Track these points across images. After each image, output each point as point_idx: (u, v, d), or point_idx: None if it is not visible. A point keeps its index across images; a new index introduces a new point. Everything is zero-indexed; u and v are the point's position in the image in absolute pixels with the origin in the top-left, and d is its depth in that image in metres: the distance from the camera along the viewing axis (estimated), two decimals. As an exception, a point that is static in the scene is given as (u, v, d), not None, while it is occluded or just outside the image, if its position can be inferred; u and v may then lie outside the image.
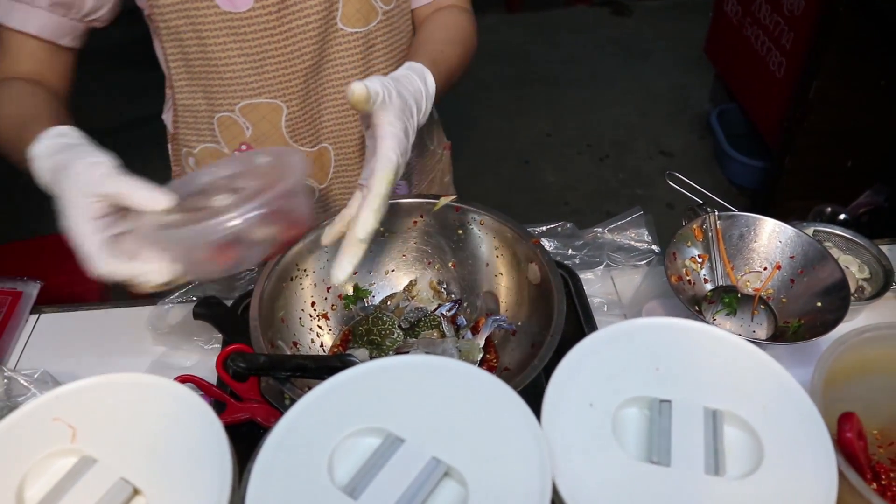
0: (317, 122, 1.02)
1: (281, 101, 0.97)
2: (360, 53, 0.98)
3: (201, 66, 0.94)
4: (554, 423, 0.57)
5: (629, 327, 0.65)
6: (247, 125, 0.98)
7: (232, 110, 0.97)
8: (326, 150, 1.04)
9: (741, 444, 0.59)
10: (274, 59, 0.93)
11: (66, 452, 0.57)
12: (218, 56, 0.92)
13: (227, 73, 0.93)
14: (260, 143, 1.00)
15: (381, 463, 0.54)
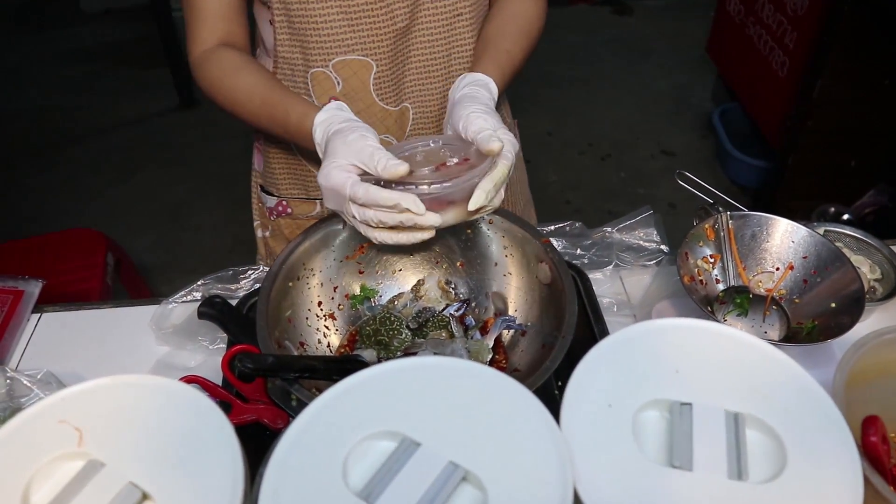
0: (401, 83, 1.05)
1: (371, 59, 1.01)
2: (447, 21, 1.02)
3: (301, 23, 0.98)
4: (573, 426, 0.56)
5: (647, 329, 0.64)
6: (338, 80, 1.02)
7: (326, 65, 1.01)
8: (407, 110, 1.08)
9: (764, 448, 0.58)
10: (369, 17, 0.98)
11: (73, 456, 0.55)
12: (317, 12, 0.97)
13: (326, 29, 0.98)
14: (348, 99, 1.04)
15: (397, 467, 0.52)
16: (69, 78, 3.99)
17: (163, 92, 3.70)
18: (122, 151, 3.40)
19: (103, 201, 3.07)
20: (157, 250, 2.79)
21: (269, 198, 1.19)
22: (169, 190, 3.13)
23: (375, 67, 1.02)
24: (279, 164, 1.15)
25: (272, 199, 1.19)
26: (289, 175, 1.16)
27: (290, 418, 0.84)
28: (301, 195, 1.17)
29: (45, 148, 3.41)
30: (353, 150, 0.81)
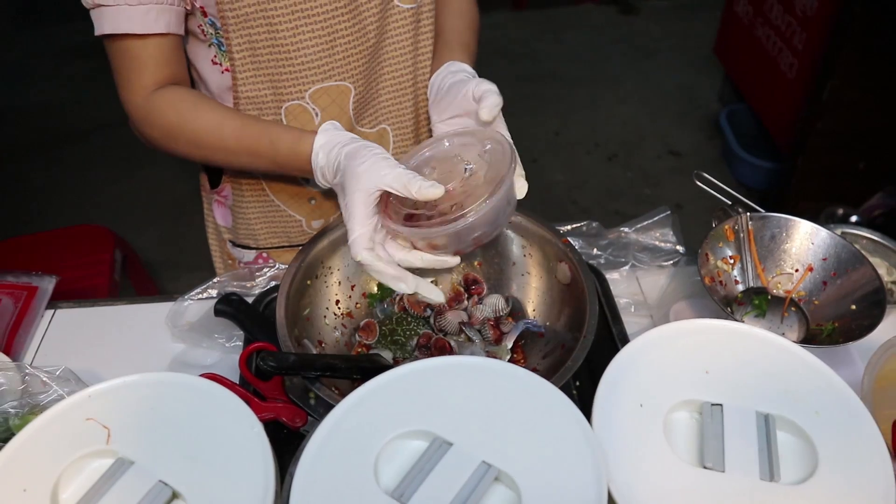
0: (376, 103, 1.03)
1: (349, 83, 0.97)
2: (411, 30, 0.99)
3: (270, 57, 0.93)
4: (604, 427, 0.56)
5: (676, 329, 0.64)
6: (316, 111, 0.98)
7: (302, 97, 0.96)
8: (386, 131, 1.05)
9: (795, 450, 0.57)
10: (343, 38, 0.94)
11: (102, 454, 0.55)
12: (289, 41, 0.91)
13: (299, 58, 0.93)
14: None
15: (429, 467, 0.52)
16: (73, 73, 3.98)
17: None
18: (126, 147, 3.39)
19: (108, 197, 3.07)
20: (162, 247, 2.79)
21: (247, 252, 1.14)
22: (174, 186, 3.13)
23: (354, 91, 0.98)
24: (255, 214, 1.09)
25: (250, 253, 1.14)
26: (266, 224, 1.10)
27: (308, 417, 0.84)
28: (283, 243, 1.13)
29: (49, 144, 3.41)
30: (379, 174, 0.77)
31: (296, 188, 1.06)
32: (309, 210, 1.08)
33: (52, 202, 3.04)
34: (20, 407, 0.82)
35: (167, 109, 0.92)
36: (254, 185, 1.07)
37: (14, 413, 0.81)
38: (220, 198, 1.13)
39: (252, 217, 1.10)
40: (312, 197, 1.07)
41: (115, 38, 0.89)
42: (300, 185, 1.06)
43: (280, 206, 1.08)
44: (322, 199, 1.07)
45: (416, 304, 0.98)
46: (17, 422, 0.80)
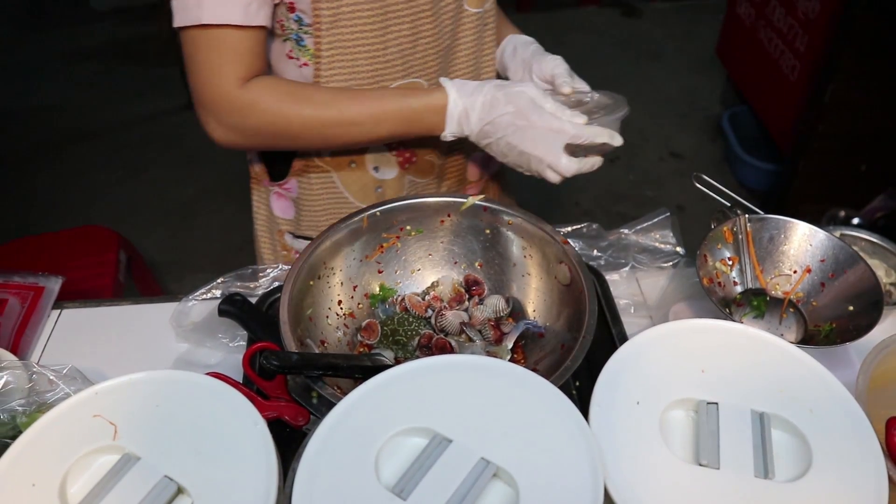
0: None
1: (424, 80, 1.02)
2: (476, 33, 1.05)
3: (356, 52, 0.96)
4: (602, 424, 0.57)
5: (673, 329, 0.65)
6: None
7: None
8: None
9: (789, 448, 0.58)
10: (425, 38, 0.99)
11: (108, 450, 0.56)
12: (378, 40, 0.96)
13: (385, 55, 0.97)
14: None
15: (429, 463, 0.53)
16: (79, 76, 4.01)
17: (172, 90, 3.72)
18: (131, 149, 3.42)
19: (112, 199, 3.09)
20: (166, 248, 2.80)
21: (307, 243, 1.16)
22: (178, 188, 3.15)
23: (426, 87, 1.03)
24: (321, 205, 1.12)
25: None
26: (331, 215, 1.13)
27: (311, 415, 0.85)
28: None
29: (54, 146, 3.43)
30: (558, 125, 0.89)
31: (365, 178, 1.09)
32: (375, 198, 1.11)
33: (58, 203, 3.06)
34: (27, 405, 0.83)
35: (269, 97, 0.93)
36: (323, 178, 1.09)
37: (21, 411, 0.82)
38: (282, 190, 1.15)
39: (318, 209, 1.13)
40: (379, 186, 1.11)
41: (210, 28, 0.89)
42: (370, 174, 1.09)
43: (348, 196, 1.11)
44: (387, 188, 1.11)
45: (417, 305, 0.99)
46: (24, 420, 0.81)
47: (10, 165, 3.29)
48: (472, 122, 0.93)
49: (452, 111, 0.93)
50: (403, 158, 1.09)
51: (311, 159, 1.07)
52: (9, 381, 0.85)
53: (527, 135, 0.90)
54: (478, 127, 0.93)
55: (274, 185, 1.15)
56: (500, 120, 0.90)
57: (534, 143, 0.90)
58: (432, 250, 1.02)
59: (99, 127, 3.56)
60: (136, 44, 4.30)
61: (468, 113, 0.93)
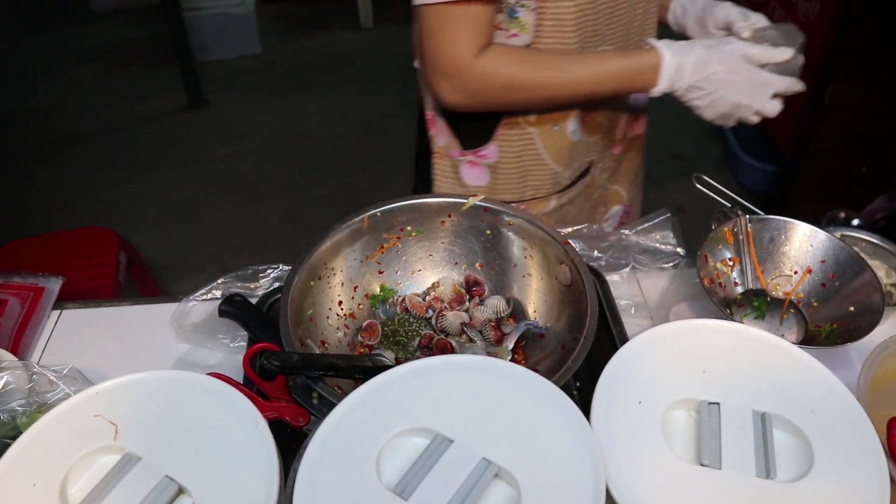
0: None
1: (610, 46, 1.10)
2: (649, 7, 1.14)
3: (568, 24, 1.04)
4: (603, 424, 0.57)
5: (674, 329, 0.65)
6: None
7: None
8: None
9: (791, 448, 0.58)
10: (621, 8, 1.08)
11: (109, 449, 0.56)
12: (589, 12, 1.04)
13: (590, 26, 1.05)
14: None
15: (430, 464, 0.53)
16: (79, 77, 4.01)
17: (172, 91, 3.72)
18: (131, 150, 3.42)
19: (112, 200, 3.09)
20: (166, 249, 2.80)
21: None
22: (178, 189, 3.15)
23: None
24: (518, 168, 1.18)
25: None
26: (526, 177, 1.19)
27: (311, 416, 0.85)
28: (537, 195, 1.21)
29: (54, 146, 3.43)
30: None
31: (564, 140, 1.15)
32: (567, 160, 1.18)
33: (58, 204, 3.06)
34: (27, 405, 0.83)
35: (505, 61, 1.01)
36: (525, 140, 1.15)
37: (21, 411, 0.82)
38: (477, 158, 1.19)
39: (514, 171, 1.18)
40: (573, 147, 1.17)
41: (455, 4, 0.97)
42: (569, 136, 1.15)
43: (546, 158, 1.17)
44: (574, 149, 1.18)
45: (417, 305, 0.99)
46: (24, 420, 0.81)
47: (10, 166, 3.29)
48: (684, 79, 1.01)
49: (667, 68, 1.01)
50: (583, 118, 1.16)
51: (516, 121, 1.13)
52: (9, 381, 0.85)
53: (740, 88, 1.01)
54: (688, 83, 1.02)
55: (467, 153, 1.19)
56: (713, 77, 1.00)
57: (745, 94, 1.02)
58: (433, 251, 1.02)
59: (99, 128, 3.56)
60: (136, 45, 4.30)
61: (680, 70, 1.01)
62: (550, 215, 1.25)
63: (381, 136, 3.46)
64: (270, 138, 3.48)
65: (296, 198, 3.06)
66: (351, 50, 4.17)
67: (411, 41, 1.22)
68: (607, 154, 1.27)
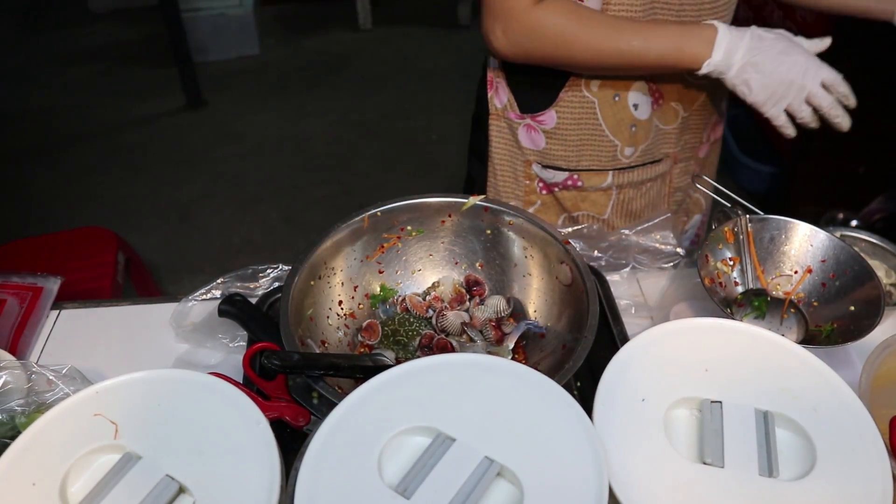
0: None
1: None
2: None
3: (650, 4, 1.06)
4: (605, 423, 0.56)
5: (676, 328, 0.65)
6: None
7: None
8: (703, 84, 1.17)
9: (793, 447, 0.58)
10: None
11: (109, 449, 0.56)
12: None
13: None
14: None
15: (432, 462, 0.53)
16: (77, 77, 4.00)
17: (171, 92, 3.71)
18: (129, 151, 3.41)
19: (111, 200, 3.08)
20: (165, 250, 2.79)
21: (557, 173, 1.21)
22: (176, 190, 3.14)
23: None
24: (576, 136, 1.17)
25: (561, 174, 1.21)
26: (583, 147, 1.18)
27: (311, 415, 0.85)
28: (593, 166, 1.20)
29: (52, 147, 3.42)
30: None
31: (623, 114, 1.14)
32: (628, 136, 1.16)
33: (56, 205, 3.05)
34: (26, 405, 0.83)
35: (559, 14, 1.01)
36: (586, 109, 1.14)
37: (20, 411, 0.81)
38: (535, 122, 1.19)
39: (572, 139, 1.17)
40: (634, 124, 1.15)
41: None
42: (630, 111, 1.14)
43: (604, 130, 1.16)
44: (639, 128, 1.16)
45: (417, 305, 0.99)
46: (23, 420, 0.81)
47: (8, 166, 3.28)
48: (738, 56, 1.00)
49: (721, 40, 1.00)
50: (653, 98, 1.14)
51: (580, 89, 1.12)
52: (7, 381, 0.85)
53: (795, 65, 1.01)
54: (743, 61, 1.01)
55: (526, 116, 1.19)
56: (769, 52, 1.00)
57: (799, 72, 1.01)
58: (433, 250, 1.02)
59: (97, 128, 3.55)
60: (134, 45, 4.30)
61: (735, 44, 1.00)
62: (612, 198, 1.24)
63: (380, 136, 3.46)
64: (269, 139, 3.48)
65: (294, 199, 3.06)
66: (350, 51, 4.17)
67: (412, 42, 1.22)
68: (691, 154, 1.26)
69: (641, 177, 1.22)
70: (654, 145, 1.19)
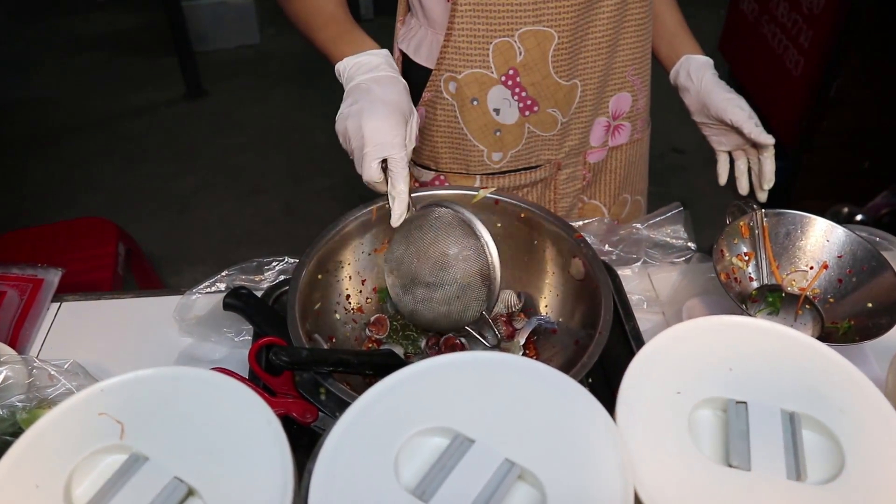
0: (576, 57, 1.07)
1: (555, 31, 1.03)
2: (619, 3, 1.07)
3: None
4: (629, 424, 0.55)
5: (697, 326, 0.63)
6: (521, 51, 1.04)
7: (511, 35, 1.02)
8: (575, 86, 1.11)
9: (821, 449, 0.56)
10: None
11: (115, 449, 0.54)
12: None
13: (518, 0, 1.00)
14: (527, 69, 1.06)
15: (451, 464, 0.51)
16: (76, 67, 3.97)
17: (171, 82, 3.68)
18: (129, 141, 3.38)
19: (110, 191, 3.06)
20: (165, 241, 2.77)
21: (426, 172, 1.19)
22: (177, 180, 3.12)
23: (557, 39, 1.03)
24: (442, 138, 1.14)
25: (429, 174, 1.18)
26: (450, 150, 1.15)
27: (319, 412, 0.83)
28: (461, 170, 1.16)
29: (51, 137, 3.39)
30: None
31: (485, 119, 1.11)
32: (493, 141, 1.12)
33: (55, 195, 3.03)
34: (27, 401, 0.81)
35: None
36: (447, 112, 1.11)
37: (21, 407, 0.80)
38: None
39: (438, 141, 1.14)
40: (498, 129, 1.11)
41: None
42: (491, 115, 1.10)
43: (467, 134, 1.12)
44: (506, 132, 1.12)
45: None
46: (24, 416, 0.79)
47: (7, 157, 3.25)
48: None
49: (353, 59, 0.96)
50: (524, 105, 1.09)
51: (438, 91, 1.09)
52: (8, 376, 0.83)
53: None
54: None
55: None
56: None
57: None
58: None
59: (97, 118, 3.52)
60: (134, 34, 4.26)
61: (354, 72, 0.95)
62: None
63: (381, 128, 3.43)
64: (270, 129, 3.45)
65: (296, 190, 3.04)
66: (351, 41, 4.13)
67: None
68: (577, 159, 1.20)
69: (515, 183, 1.17)
70: (530, 151, 1.14)
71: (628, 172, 1.28)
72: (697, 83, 1.10)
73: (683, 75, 1.12)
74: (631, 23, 1.10)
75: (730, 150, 1.11)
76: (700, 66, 1.11)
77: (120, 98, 3.67)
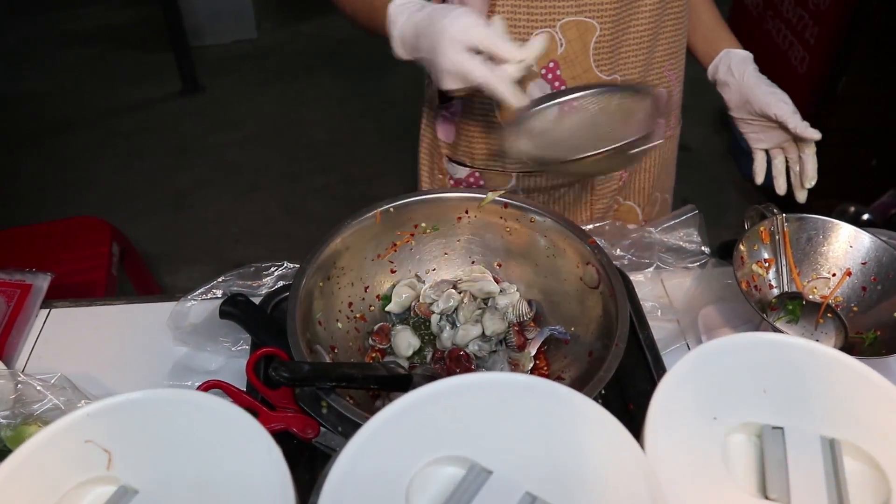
0: (617, 51, 1.04)
1: (597, 22, 1.00)
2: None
3: None
4: (658, 453, 0.51)
5: (729, 344, 0.59)
6: (562, 42, 1.01)
7: (553, 26, 1.00)
8: (615, 81, 1.07)
9: (864, 478, 0.52)
10: None
11: (102, 481, 0.50)
12: None
13: None
14: (567, 62, 1.03)
15: (467, 498, 0.47)
16: (70, 61, 3.91)
17: (166, 77, 3.63)
18: (124, 137, 3.33)
19: (104, 189, 3.01)
20: (160, 240, 2.72)
21: (460, 168, 1.15)
22: (172, 178, 3.07)
23: (598, 31, 1.00)
24: (478, 133, 1.11)
25: (463, 170, 1.15)
26: (487, 144, 1.12)
27: (320, 427, 0.79)
28: (497, 167, 1.13)
29: (44, 133, 3.34)
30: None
31: None
32: None
33: (47, 193, 2.98)
34: (13, 417, 0.77)
35: None
36: (485, 106, 1.07)
37: (6, 424, 0.76)
38: (448, 113, 1.14)
39: (475, 135, 1.11)
40: None
41: None
42: None
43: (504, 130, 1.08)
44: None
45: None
46: (9, 433, 0.75)
47: (-1, 153, 3.20)
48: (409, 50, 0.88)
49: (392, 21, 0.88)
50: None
51: None
52: (-7, 390, 0.79)
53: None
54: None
55: (441, 107, 1.14)
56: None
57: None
58: (449, 249, 0.96)
59: (91, 114, 3.47)
60: (129, 28, 4.20)
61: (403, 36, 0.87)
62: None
63: (381, 123, 3.39)
64: (267, 125, 3.40)
65: (293, 187, 2.99)
66: (349, 36, 4.08)
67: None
68: None
69: (552, 182, 1.14)
70: None
71: (661, 170, 1.26)
72: (739, 78, 1.08)
73: (724, 70, 1.10)
74: (670, 16, 1.07)
75: (768, 147, 1.08)
76: (742, 61, 1.09)
77: (115, 94, 3.62)
